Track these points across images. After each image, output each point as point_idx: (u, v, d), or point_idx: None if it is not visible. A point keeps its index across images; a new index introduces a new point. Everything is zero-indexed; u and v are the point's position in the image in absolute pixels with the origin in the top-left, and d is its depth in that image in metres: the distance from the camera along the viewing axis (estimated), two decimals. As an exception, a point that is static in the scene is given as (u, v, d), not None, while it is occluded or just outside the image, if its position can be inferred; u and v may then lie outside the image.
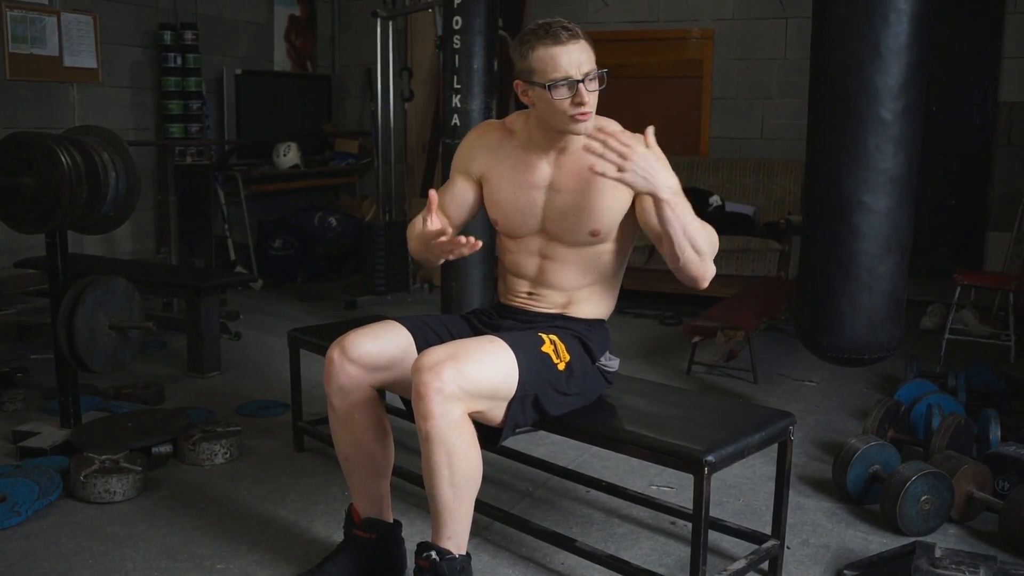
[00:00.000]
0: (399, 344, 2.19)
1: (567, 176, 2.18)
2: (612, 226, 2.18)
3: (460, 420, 1.94)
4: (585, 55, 2.09)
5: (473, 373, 1.95)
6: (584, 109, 2.09)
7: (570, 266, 2.22)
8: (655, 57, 6.39)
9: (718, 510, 2.59)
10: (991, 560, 2.23)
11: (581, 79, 2.07)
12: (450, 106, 3.92)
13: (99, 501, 2.69)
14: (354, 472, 2.25)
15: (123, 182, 3.17)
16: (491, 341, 2.06)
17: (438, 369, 1.91)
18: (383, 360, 2.18)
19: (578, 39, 2.09)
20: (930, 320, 5.10)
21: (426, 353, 1.97)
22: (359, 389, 2.17)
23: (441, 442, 1.91)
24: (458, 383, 1.92)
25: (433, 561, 1.99)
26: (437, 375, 1.91)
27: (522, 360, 2.04)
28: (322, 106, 7.11)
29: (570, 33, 2.08)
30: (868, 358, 3.16)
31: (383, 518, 2.29)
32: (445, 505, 1.97)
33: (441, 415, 1.91)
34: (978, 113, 5.69)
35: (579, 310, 2.25)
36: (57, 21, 5.09)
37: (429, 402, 1.90)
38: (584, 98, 2.08)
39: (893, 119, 2.95)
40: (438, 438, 1.91)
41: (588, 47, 2.11)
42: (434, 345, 2.17)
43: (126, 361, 3.30)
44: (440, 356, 1.95)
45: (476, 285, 3.97)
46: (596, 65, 2.11)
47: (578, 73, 2.07)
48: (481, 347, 2.02)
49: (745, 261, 5.41)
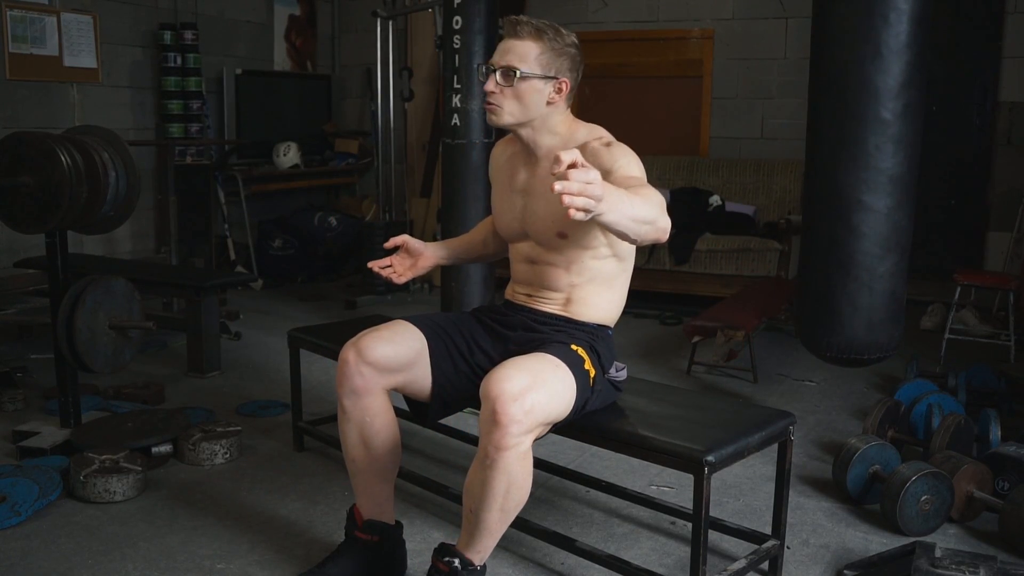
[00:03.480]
0: (413, 347, 2.20)
1: (538, 180, 2.21)
2: (579, 227, 2.12)
3: (527, 451, 1.92)
4: (520, 51, 2.11)
5: (547, 405, 1.94)
6: (488, 99, 2.15)
7: (559, 269, 2.22)
8: (655, 57, 6.39)
9: (718, 510, 2.59)
10: (991, 560, 2.23)
11: (494, 69, 2.13)
12: (450, 106, 3.92)
13: (99, 501, 2.69)
14: (360, 474, 2.24)
15: (123, 182, 3.17)
16: (558, 365, 2.02)
17: (522, 401, 1.87)
18: (397, 363, 2.17)
19: (518, 37, 2.11)
20: (930, 320, 5.10)
21: (506, 377, 1.90)
22: (372, 392, 2.16)
23: (505, 471, 1.89)
24: (535, 416, 1.90)
25: (455, 569, 2.00)
26: (521, 406, 1.86)
27: (577, 384, 2.05)
28: (322, 106, 7.11)
29: (522, 29, 2.11)
30: (868, 358, 3.16)
31: (385, 520, 2.28)
32: (488, 526, 1.97)
33: (514, 447, 1.88)
34: (978, 113, 5.69)
35: (580, 311, 2.24)
36: (57, 21, 5.09)
37: (505, 433, 1.86)
38: (486, 85, 2.14)
39: (893, 119, 2.95)
40: (504, 468, 1.89)
41: (535, 49, 2.11)
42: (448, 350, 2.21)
43: (126, 361, 3.29)
44: (522, 384, 1.89)
45: (476, 285, 3.97)
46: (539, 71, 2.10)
47: (497, 62, 2.13)
48: (555, 375, 1.99)
49: (745, 261, 5.41)
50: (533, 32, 2.11)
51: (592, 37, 6.22)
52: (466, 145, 3.92)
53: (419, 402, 2.30)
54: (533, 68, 2.10)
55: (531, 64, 2.10)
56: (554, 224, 2.15)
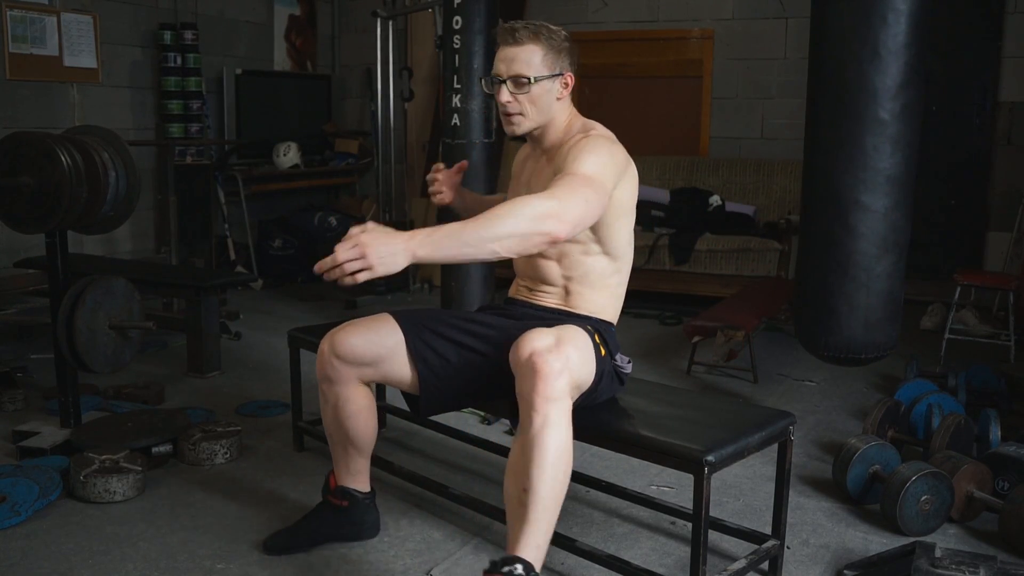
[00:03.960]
0: (386, 342, 2.23)
1: (537, 173, 2.29)
2: None
3: (569, 410, 1.89)
4: (524, 57, 2.13)
5: (578, 363, 1.96)
6: (506, 110, 2.18)
7: (551, 261, 2.27)
8: (655, 57, 6.39)
9: (718, 510, 2.59)
10: (991, 560, 2.23)
11: (504, 79, 2.15)
12: (450, 106, 3.92)
13: (99, 501, 2.69)
14: (336, 446, 2.39)
15: (123, 182, 3.17)
16: (577, 331, 2.03)
17: (558, 352, 1.87)
18: (368, 357, 2.23)
19: (518, 44, 2.13)
20: (930, 320, 5.10)
21: (535, 337, 1.90)
22: (344, 381, 2.27)
23: (556, 428, 1.82)
24: (572, 370, 1.91)
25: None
26: (558, 358, 1.86)
27: (595, 355, 2.07)
28: (322, 106, 7.11)
29: (513, 35, 2.13)
30: (865, 358, 3.17)
31: (358, 487, 2.42)
32: (543, 504, 1.82)
33: (561, 398, 1.84)
34: (978, 113, 5.69)
35: (580, 305, 2.28)
36: (57, 21, 5.09)
37: (550, 383, 1.82)
38: (500, 97, 2.16)
39: (891, 119, 2.96)
40: (555, 423, 1.82)
41: (537, 51, 2.14)
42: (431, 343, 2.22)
43: (126, 361, 3.29)
44: (551, 341, 1.90)
45: (476, 285, 3.97)
46: (547, 71, 2.14)
47: (505, 73, 2.15)
48: (578, 336, 2.01)
49: (745, 261, 5.41)
50: (531, 35, 2.13)
51: (592, 37, 6.23)
52: (466, 145, 3.92)
53: (414, 396, 2.32)
54: (541, 70, 2.14)
55: (538, 67, 2.14)
56: None
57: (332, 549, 2.43)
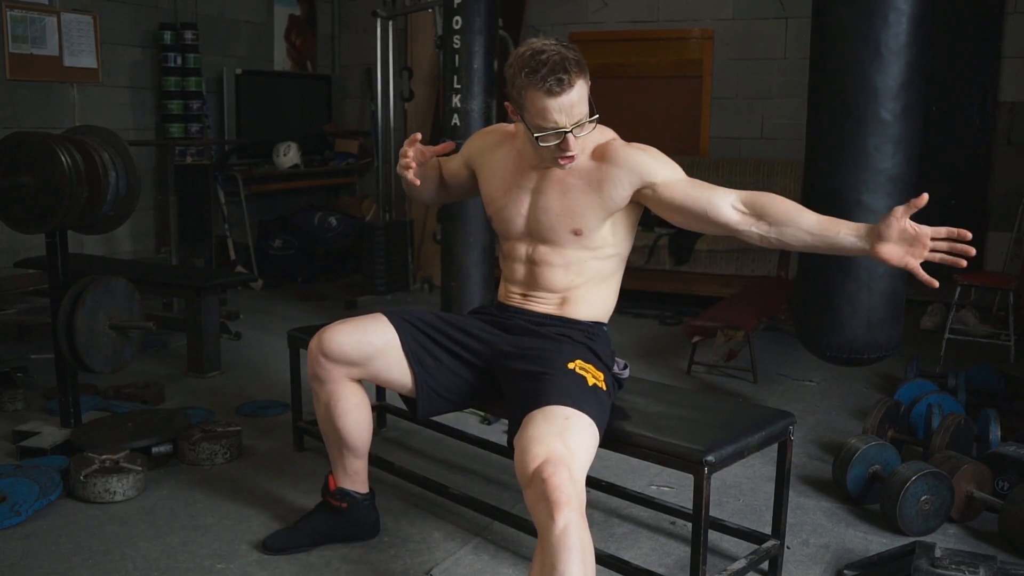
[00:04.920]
0: (376, 342, 2.23)
1: (552, 182, 2.22)
2: (594, 226, 2.18)
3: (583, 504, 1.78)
4: (577, 97, 2.02)
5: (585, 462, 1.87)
6: (569, 153, 2.09)
7: (558, 269, 2.23)
8: (655, 57, 6.39)
9: (718, 510, 2.59)
10: (991, 560, 2.23)
11: (570, 129, 2.04)
12: (450, 106, 3.92)
13: (99, 501, 2.69)
14: (331, 447, 2.40)
15: (123, 182, 3.17)
16: (579, 417, 1.91)
17: (569, 458, 1.78)
18: (357, 356, 2.24)
19: (571, 87, 1.99)
20: (930, 320, 5.10)
21: (538, 436, 1.82)
22: (333, 380, 2.28)
23: (579, 526, 1.71)
24: (581, 478, 1.81)
25: None
26: (568, 464, 1.77)
27: (597, 422, 1.97)
28: (322, 106, 7.11)
29: (564, 82, 1.98)
30: (867, 358, 3.17)
31: (357, 489, 2.43)
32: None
33: (576, 497, 1.73)
34: (978, 113, 5.69)
35: (575, 310, 2.26)
36: (57, 21, 5.09)
37: (567, 492, 1.72)
38: (571, 148, 2.07)
39: (892, 119, 2.96)
40: (578, 523, 1.71)
41: (583, 85, 2.02)
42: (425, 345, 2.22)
43: (126, 361, 3.30)
44: (557, 448, 1.79)
45: (476, 285, 3.97)
46: (588, 100, 2.05)
47: (567, 123, 2.03)
48: (579, 424, 1.90)
49: (745, 261, 5.41)
50: (575, 71, 2.00)
51: (592, 37, 6.22)
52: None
53: (411, 398, 2.32)
54: (587, 99, 2.06)
55: (586, 98, 2.06)
56: (570, 221, 2.18)
57: (332, 549, 2.43)
